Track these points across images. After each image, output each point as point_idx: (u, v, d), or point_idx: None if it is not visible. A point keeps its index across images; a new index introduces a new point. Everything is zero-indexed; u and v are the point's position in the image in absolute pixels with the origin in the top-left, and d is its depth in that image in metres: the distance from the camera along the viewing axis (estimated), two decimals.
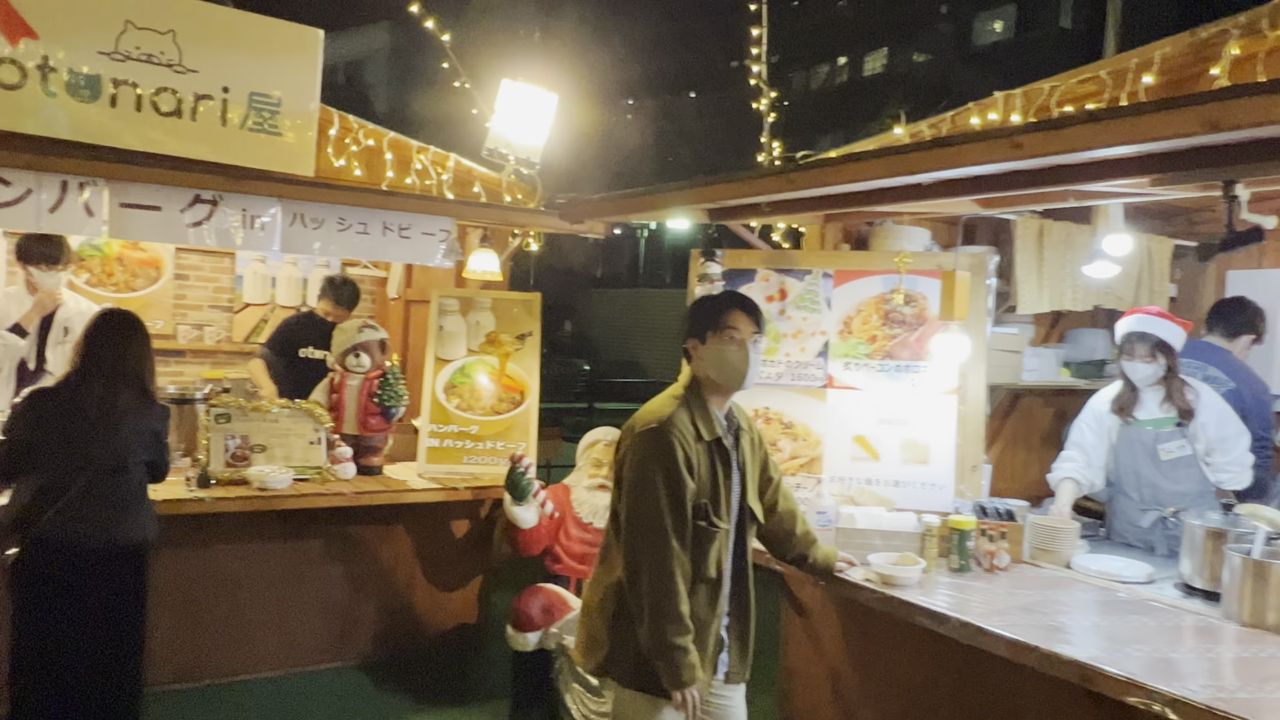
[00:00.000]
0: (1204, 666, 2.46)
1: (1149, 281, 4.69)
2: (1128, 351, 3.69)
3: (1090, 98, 2.99)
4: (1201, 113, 1.61)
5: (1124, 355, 3.71)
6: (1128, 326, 3.71)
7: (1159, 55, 2.84)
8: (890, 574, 3.01)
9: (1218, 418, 3.69)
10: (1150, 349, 3.63)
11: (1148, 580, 3.20)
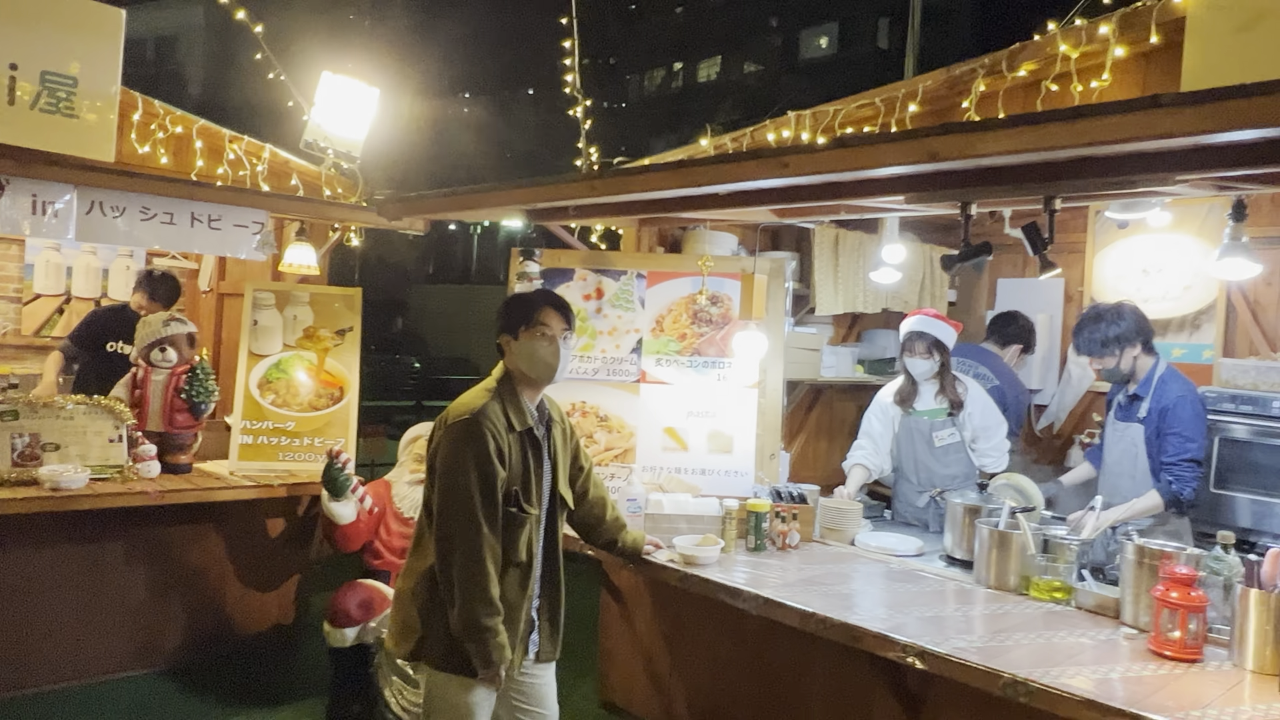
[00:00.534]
0: (957, 624, 2.80)
1: (930, 287, 5.20)
2: (909, 349, 4.11)
3: (867, 121, 3.33)
4: (924, 145, 1.89)
5: (906, 352, 4.13)
6: (909, 326, 4.13)
7: (922, 87, 3.21)
8: (692, 554, 3.23)
9: (982, 409, 4.17)
10: (928, 347, 4.06)
11: (918, 553, 3.59)
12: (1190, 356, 4.82)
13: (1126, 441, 3.81)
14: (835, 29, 26.50)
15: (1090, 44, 2.92)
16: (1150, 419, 3.72)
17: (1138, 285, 4.96)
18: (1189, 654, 2.51)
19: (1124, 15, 2.82)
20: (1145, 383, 3.77)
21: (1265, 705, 2.24)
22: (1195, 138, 1.65)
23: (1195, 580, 2.56)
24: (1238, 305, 4.72)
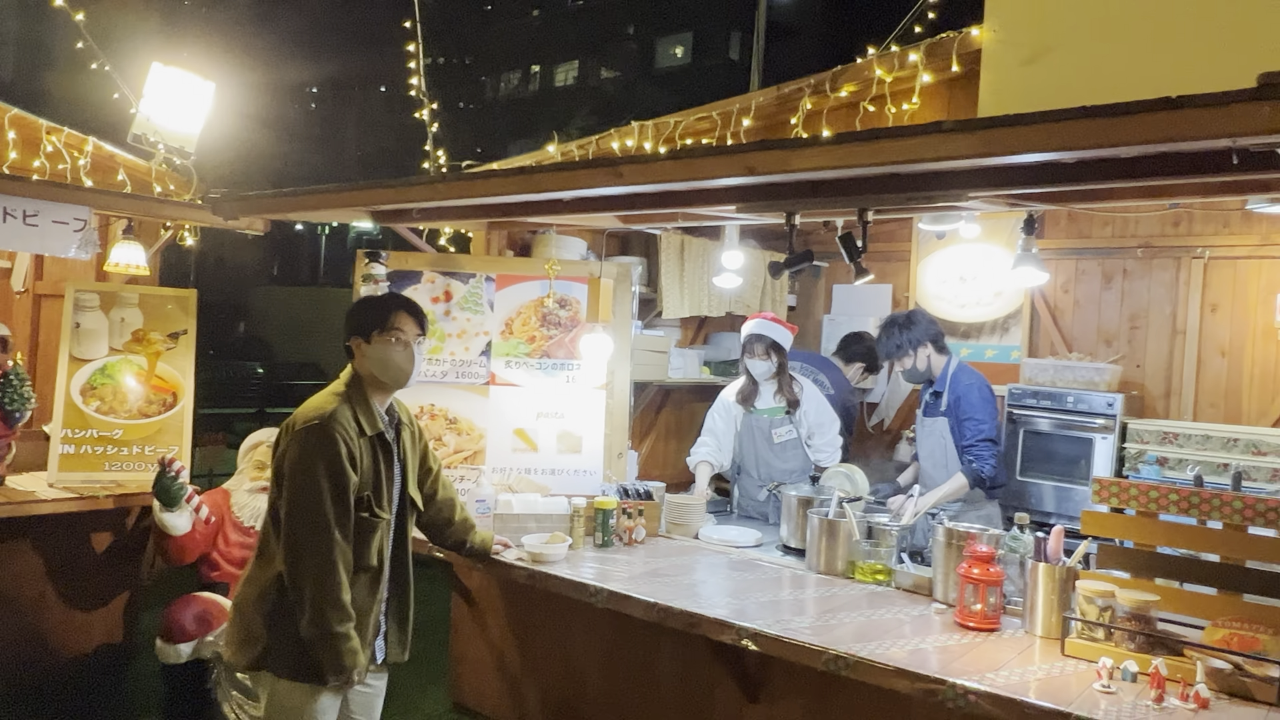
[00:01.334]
0: (790, 607, 2.98)
1: (772, 291, 5.46)
2: (749, 350, 4.32)
3: (705, 133, 3.50)
4: (743, 160, 2.04)
5: (746, 354, 4.34)
6: (749, 329, 4.34)
7: (755, 103, 3.41)
8: (540, 552, 3.30)
9: (816, 408, 4.43)
10: (766, 349, 4.28)
11: (757, 544, 3.79)
12: (1001, 357, 5.28)
13: (935, 435, 4.16)
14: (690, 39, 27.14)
15: (902, 70, 3.19)
16: (950, 410, 4.09)
17: (956, 291, 5.38)
18: (988, 624, 2.78)
19: (929, 45, 3.10)
20: (942, 379, 4.16)
21: (1049, 664, 2.51)
22: (979, 159, 1.87)
23: (994, 558, 2.83)
24: (1040, 310, 5.20)
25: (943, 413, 4.13)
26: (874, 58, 3.21)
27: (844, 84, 3.28)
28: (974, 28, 2.89)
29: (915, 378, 4.24)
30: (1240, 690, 2.33)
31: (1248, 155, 1.58)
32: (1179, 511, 2.64)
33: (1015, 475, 4.73)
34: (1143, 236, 4.88)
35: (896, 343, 4.11)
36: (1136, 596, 2.56)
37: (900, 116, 3.13)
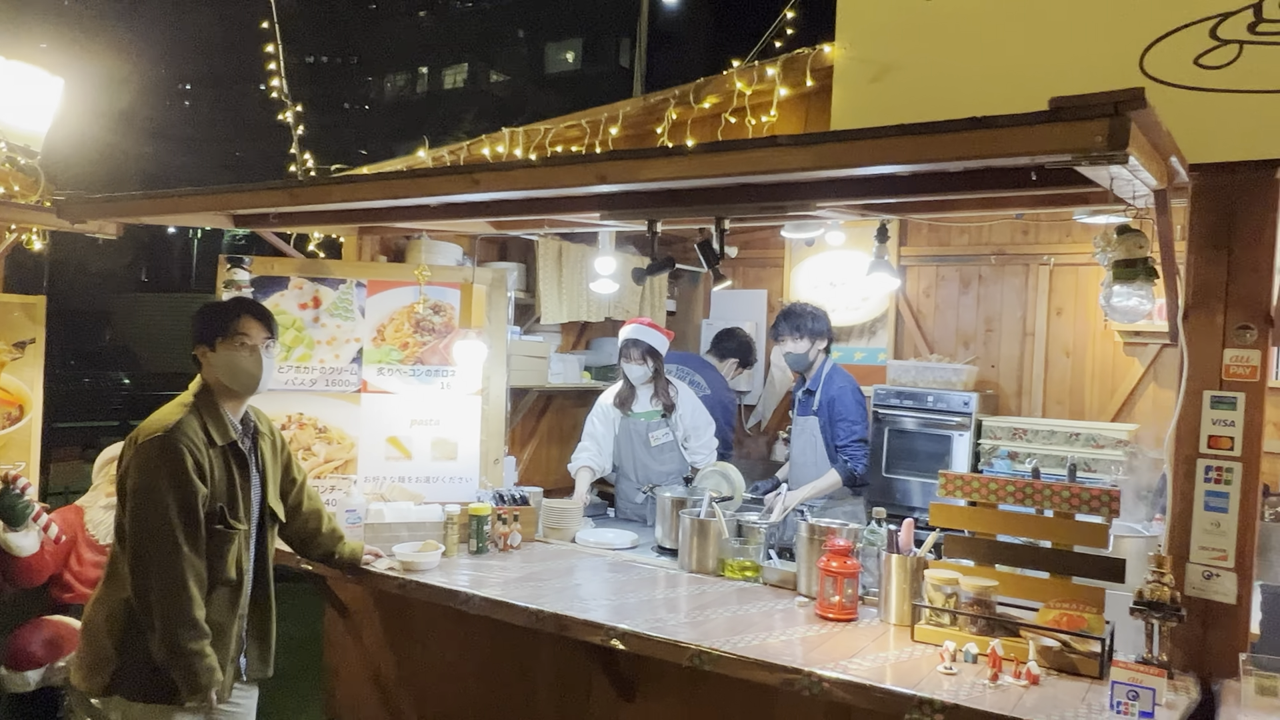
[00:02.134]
0: (662, 606, 3.04)
1: (650, 297, 5.55)
2: (626, 355, 4.39)
3: (574, 140, 3.54)
4: (595, 169, 2.10)
5: (623, 358, 4.40)
6: (625, 334, 4.41)
7: (622, 112, 3.48)
8: (413, 560, 3.27)
9: (692, 411, 4.53)
10: (642, 353, 4.36)
11: (633, 546, 3.85)
12: (869, 359, 5.50)
13: (807, 433, 4.33)
14: (580, 45, 27.23)
15: (761, 84, 3.32)
16: (822, 410, 4.27)
17: (827, 296, 5.58)
18: (846, 614, 2.91)
19: (786, 60, 3.24)
20: (816, 379, 4.35)
21: (900, 650, 2.65)
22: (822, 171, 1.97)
23: (851, 551, 2.96)
24: (905, 314, 5.45)
25: (814, 412, 4.31)
26: (734, 71, 3.34)
27: (707, 96, 3.39)
28: (827, 45, 3.04)
29: (799, 365, 4.39)
30: (1067, 666, 2.51)
31: (1045, 171, 1.72)
32: (1015, 502, 2.82)
33: (881, 472, 4.94)
34: (996, 245, 5.18)
35: (796, 324, 4.26)
36: (978, 583, 2.72)
37: (760, 128, 3.26)
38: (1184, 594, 2.54)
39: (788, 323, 4.30)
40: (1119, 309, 2.44)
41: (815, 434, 4.30)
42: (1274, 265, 2.45)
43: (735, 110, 3.31)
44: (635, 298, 5.36)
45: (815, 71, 3.15)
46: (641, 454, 4.46)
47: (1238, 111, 2.46)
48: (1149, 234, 2.58)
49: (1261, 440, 2.53)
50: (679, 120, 3.33)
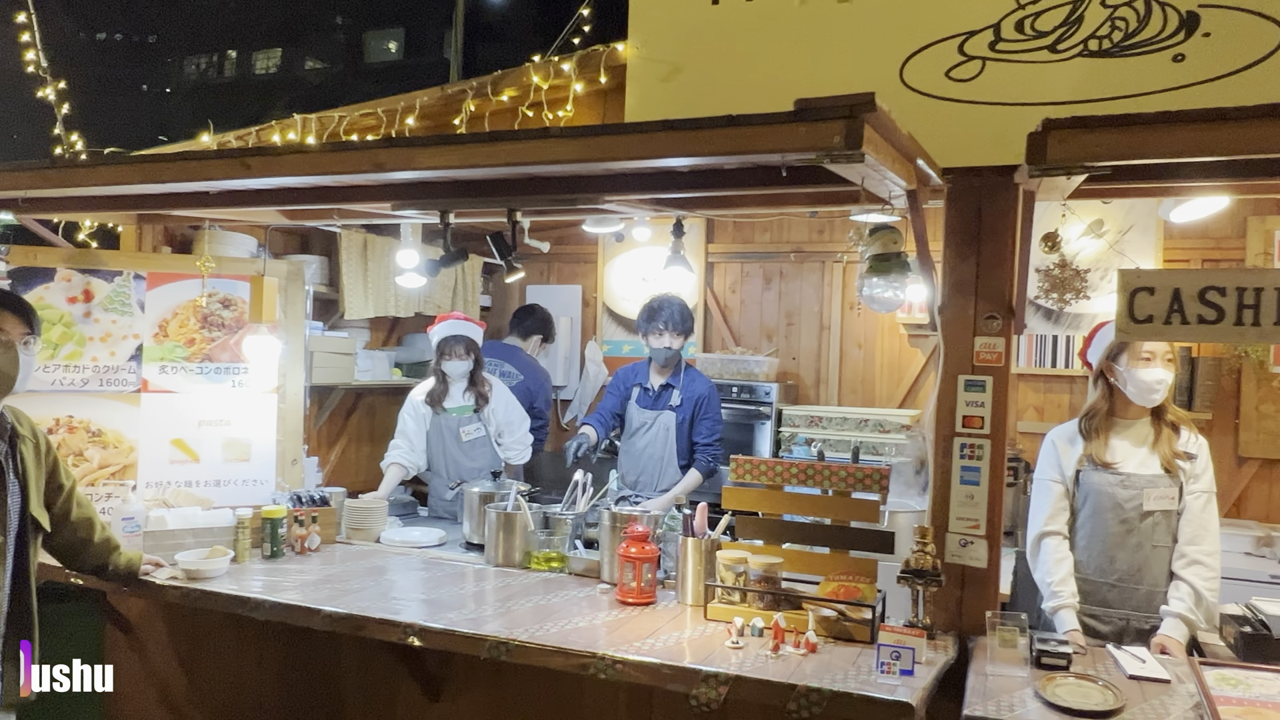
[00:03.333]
0: (466, 600, 3.01)
1: (464, 292, 5.49)
2: (448, 352, 4.32)
3: (370, 129, 3.46)
4: (370, 156, 2.07)
5: (445, 355, 4.33)
6: (447, 330, 4.34)
7: (419, 102, 3.43)
8: (198, 568, 3.09)
9: (505, 406, 4.52)
10: (465, 348, 4.32)
11: (440, 543, 3.79)
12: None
13: (659, 427, 4.38)
14: (402, 35, 26.46)
15: (558, 78, 3.36)
16: (685, 406, 4.35)
17: (639, 291, 5.71)
18: (645, 598, 2.99)
19: (581, 56, 3.30)
20: (677, 374, 4.39)
21: (694, 629, 2.75)
22: (606, 164, 2.03)
23: (649, 536, 3.05)
24: (713, 309, 5.65)
25: (672, 407, 4.37)
26: (531, 65, 3.36)
27: (505, 88, 3.39)
28: (620, 44, 3.11)
29: (669, 359, 4.41)
30: (843, 633, 2.69)
31: (823, 171, 1.85)
32: (800, 483, 3.00)
33: None
34: (795, 242, 5.47)
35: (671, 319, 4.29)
36: (765, 560, 2.87)
37: (556, 122, 3.29)
38: (944, 561, 2.78)
39: (665, 317, 4.31)
40: (876, 300, 2.64)
41: (669, 429, 4.36)
42: (1014, 260, 2.72)
43: (533, 104, 3.33)
44: (447, 293, 5.28)
45: (610, 69, 3.22)
46: (453, 450, 4.41)
47: (983, 120, 2.72)
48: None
49: (1006, 418, 2.80)
50: (477, 112, 3.32)
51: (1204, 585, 2.71)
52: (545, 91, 3.34)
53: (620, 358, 5.80)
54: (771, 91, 2.85)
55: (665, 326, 4.31)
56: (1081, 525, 2.88)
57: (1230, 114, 1.61)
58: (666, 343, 4.34)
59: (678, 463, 4.37)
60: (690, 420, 4.38)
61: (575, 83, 3.27)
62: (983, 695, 2.30)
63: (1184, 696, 2.31)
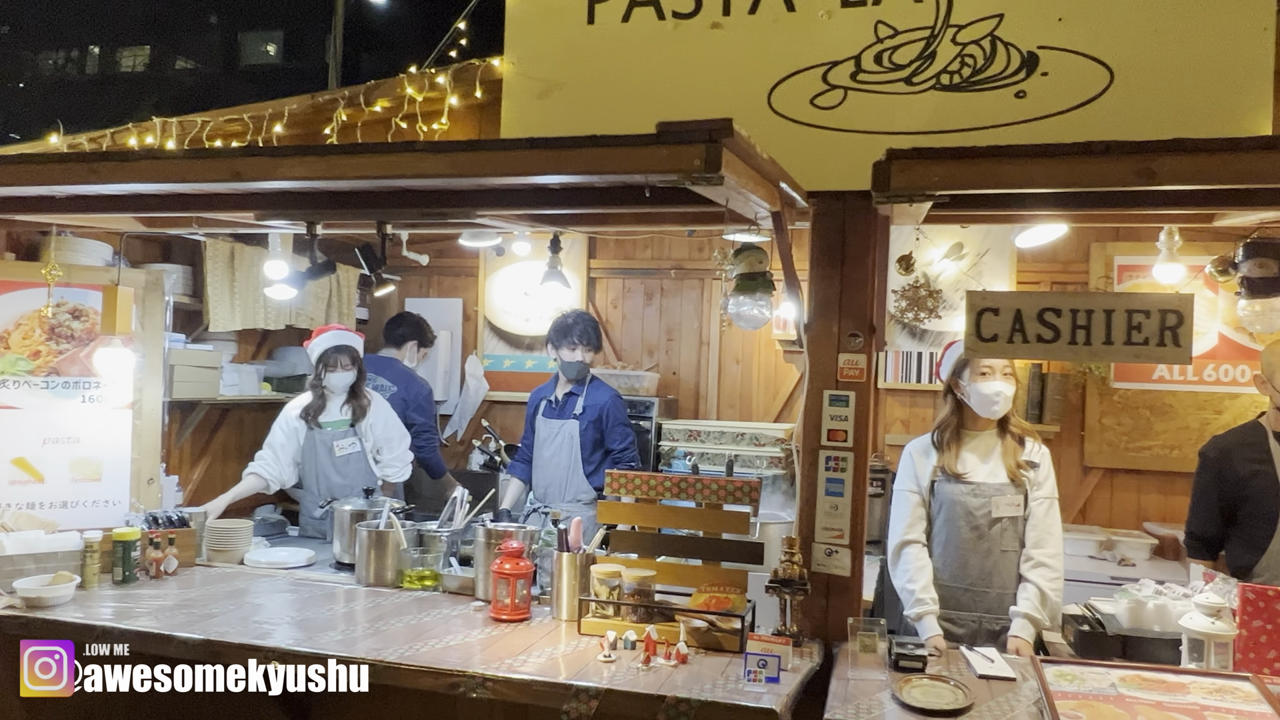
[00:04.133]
0: (340, 621, 2.93)
1: (339, 305, 5.34)
2: (331, 364, 4.20)
3: (236, 135, 3.35)
4: (229, 165, 2.01)
5: (328, 368, 4.20)
6: (331, 342, 4.22)
7: (288, 110, 3.34)
8: (39, 596, 2.90)
9: (384, 421, 4.42)
10: (349, 359, 4.21)
11: (309, 563, 3.67)
12: None
13: (563, 436, 4.37)
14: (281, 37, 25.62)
15: (432, 91, 3.33)
16: (587, 414, 4.35)
17: (520, 306, 5.69)
18: (519, 614, 2.97)
19: (456, 70, 3.28)
20: (581, 384, 4.39)
21: (567, 644, 2.75)
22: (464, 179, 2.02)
23: (523, 552, 3.03)
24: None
25: (575, 416, 4.36)
26: (405, 76, 3.32)
27: (378, 99, 3.34)
28: (497, 58, 3.11)
29: (579, 372, 4.42)
30: (713, 644, 2.74)
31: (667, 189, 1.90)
32: (674, 496, 3.05)
33: None
34: (676, 259, 5.56)
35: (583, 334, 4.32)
36: (639, 574, 2.90)
37: (431, 135, 3.26)
38: (811, 570, 2.88)
39: (579, 332, 4.34)
40: (742, 317, 2.73)
41: (573, 437, 4.36)
42: (874, 280, 2.85)
43: (407, 116, 3.29)
44: (321, 305, 5.13)
45: (485, 84, 3.21)
46: (325, 465, 4.28)
47: (845, 147, 2.84)
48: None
49: (869, 431, 2.93)
50: (350, 122, 3.25)
51: (1049, 586, 2.89)
52: (420, 104, 3.31)
53: (502, 372, 5.76)
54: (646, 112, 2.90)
55: (579, 341, 4.36)
56: (937, 533, 3.03)
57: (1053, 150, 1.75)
58: (579, 356, 4.39)
59: (584, 470, 4.38)
60: (595, 427, 4.39)
61: (450, 96, 3.25)
62: (843, 699, 2.38)
63: (1027, 693, 2.45)
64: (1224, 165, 1.77)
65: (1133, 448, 4.96)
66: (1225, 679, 2.40)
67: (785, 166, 2.47)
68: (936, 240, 5.03)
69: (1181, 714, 2.19)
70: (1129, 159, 1.77)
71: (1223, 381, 4.86)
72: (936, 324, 5.08)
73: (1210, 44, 2.64)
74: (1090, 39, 2.68)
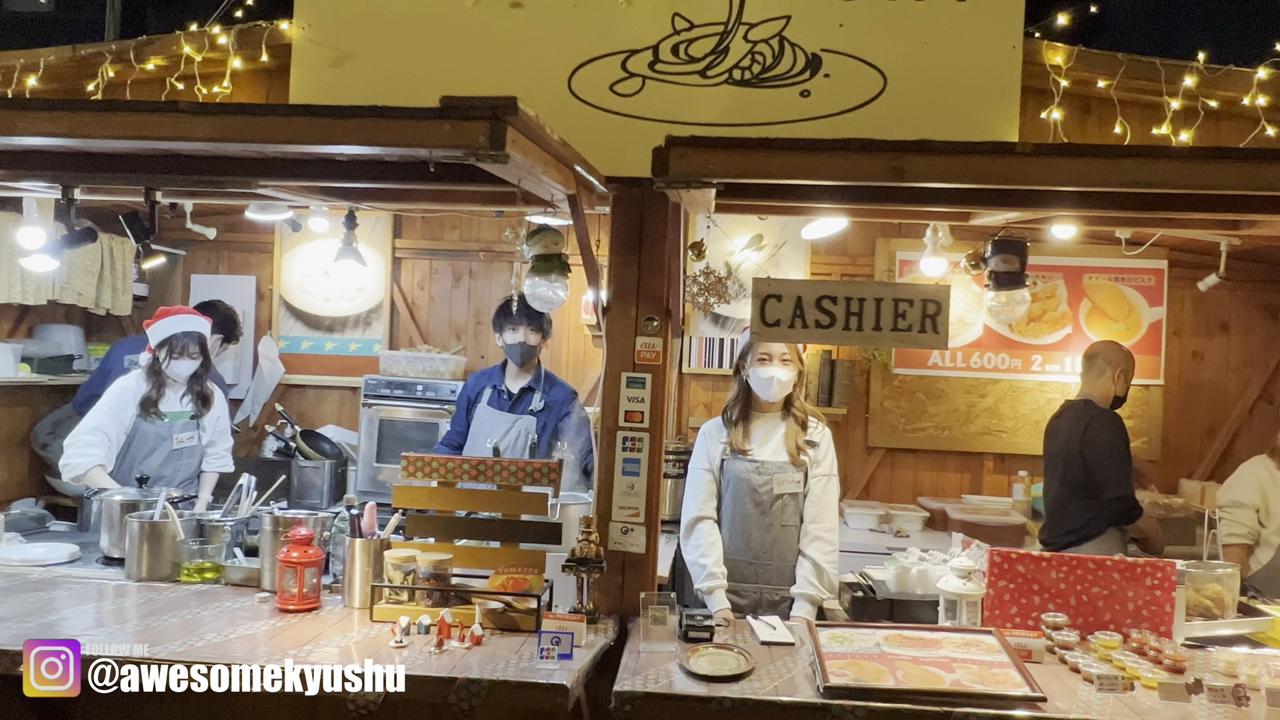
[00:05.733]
0: (107, 619, 2.71)
1: (112, 280, 4.92)
2: (178, 350, 3.86)
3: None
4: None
5: (172, 355, 3.86)
6: (177, 327, 3.88)
7: (44, 61, 3.03)
8: None
9: (224, 412, 4.15)
10: (198, 346, 3.90)
11: (71, 559, 3.37)
12: (364, 350, 5.49)
13: (517, 432, 4.05)
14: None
15: (213, 51, 3.12)
16: (547, 412, 4.05)
17: (320, 285, 5.46)
18: (307, 604, 2.86)
19: (240, 31, 3.09)
20: (537, 376, 4.13)
21: (358, 632, 2.68)
22: (235, 145, 1.91)
23: (313, 539, 2.92)
24: (400, 306, 5.53)
25: (533, 412, 4.07)
26: (183, 35, 3.09)
27: (150, 56, 3.08)
28: (285, 21, 2.96)
29: (526, 356, 4.11)
30: (510, 625, 2.75)
31: (466, 167, 1.87)
32: (472, 479, 3.02)
33: (373, 462, 4.96)
34: (484, 241, 5.50)
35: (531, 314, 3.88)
36: (434, 558, 2.86)
37: (211, 98, 3.06)
38: (607, 549, 2.94)
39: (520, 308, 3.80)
40: (538, 298, 2.74)
41: (528, 433, 4.04)
42: (670, 266, 2.93)
43: (184, 77, 3.06)
44: (91, 279, 4.70)
45: (273, 48, 3.04)
46: (156, 458, 3.95)
47: (644, 134, 2.91)
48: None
49: (664, 412, 3.02)
50: (118, 80, 2.98)
51: (824, 559, 3.09)
52: (200, 64, 3.08)
53: (299, 355, 5.50)
54: (444, 88, 2.86)
55: (521, 319, 4.00)
56: (725, 508, 3.17)
57: (816, 145, 1.87)
58: (521, 337, 4.06)
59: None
60: (555, 429, 4.05)
61: (234, 58, 3.05)
62: (633, 671, 2.46)
63: (804, 655, 2.62)
64: (964, 166, 1.96)
65: (909, 429, 5.39)
66: (972, 633, 2.66)
67: (586, 151, 2.50)
68: (738, 231, 5.25)
69: (934, 666, 2.41)
70: (882, 156, 1.93)
71: (986, 368, 5.36)
72: (733, 308, 5.31)
73: (970, 58, 2.91)
74: (867, 46, 2.88)
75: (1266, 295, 5.41)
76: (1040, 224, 3.28)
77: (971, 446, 5.35)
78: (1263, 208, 2.58)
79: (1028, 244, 3.00)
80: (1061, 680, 2.46)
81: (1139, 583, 2.80)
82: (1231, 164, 2.04)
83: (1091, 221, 3.11)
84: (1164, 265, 5.29)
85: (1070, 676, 2.49)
